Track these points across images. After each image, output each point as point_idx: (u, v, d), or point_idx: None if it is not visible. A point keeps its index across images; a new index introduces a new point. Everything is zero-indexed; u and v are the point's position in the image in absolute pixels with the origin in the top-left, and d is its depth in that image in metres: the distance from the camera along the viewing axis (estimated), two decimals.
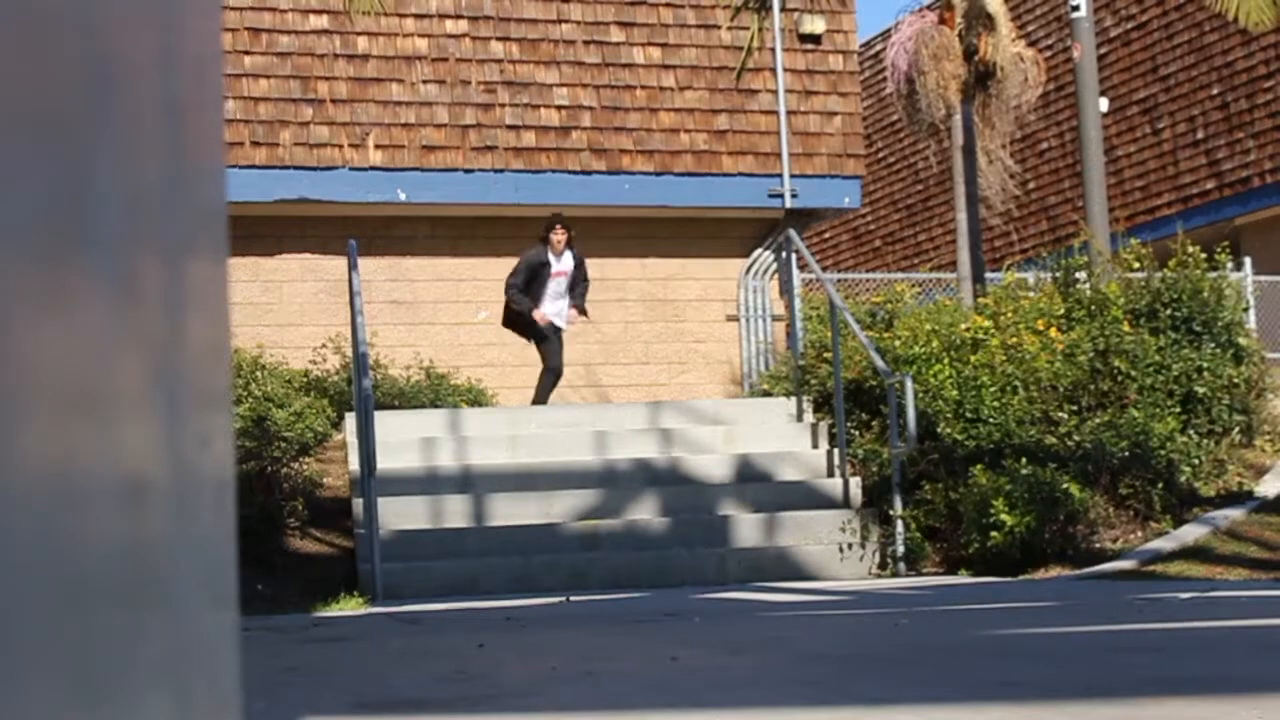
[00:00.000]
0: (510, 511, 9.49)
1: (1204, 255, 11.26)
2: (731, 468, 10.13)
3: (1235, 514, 9.69)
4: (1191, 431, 10.24)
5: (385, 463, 9.16)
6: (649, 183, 13.25)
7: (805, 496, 9.90)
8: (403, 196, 12.70)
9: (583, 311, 11.63)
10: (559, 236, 11.57)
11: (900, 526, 9.45)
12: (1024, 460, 9.31)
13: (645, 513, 9.65)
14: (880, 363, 9.86)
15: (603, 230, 13.34)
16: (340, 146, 12.61)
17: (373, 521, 8.51)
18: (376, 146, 12.69)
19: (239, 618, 1.07)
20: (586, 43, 13.33)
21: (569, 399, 12.84)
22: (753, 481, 10.06)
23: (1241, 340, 10.87)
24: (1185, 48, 20.38)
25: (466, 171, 12.90)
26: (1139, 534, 9.38)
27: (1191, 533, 9.36)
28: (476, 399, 12.16)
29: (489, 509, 9.51)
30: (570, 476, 9.82)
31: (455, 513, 9.46)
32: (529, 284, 11.56)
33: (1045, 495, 8.91)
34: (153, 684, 0.91)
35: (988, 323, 10.83)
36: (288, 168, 12.46)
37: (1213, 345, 10.68)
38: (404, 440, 10.04)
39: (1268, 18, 12.22)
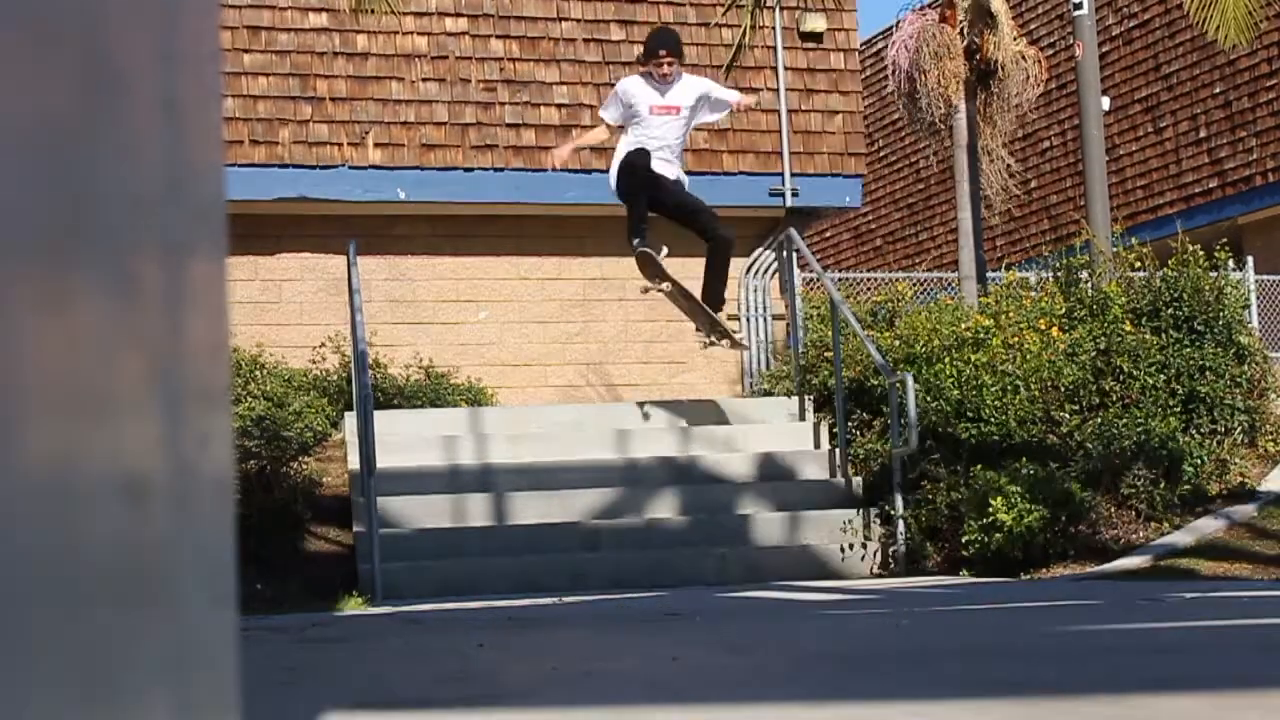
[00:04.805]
0: (511, 510, 9.49)
1: (1204, 254, 11.26)
2: (732, 467, 10.12)
3: (1238, 514, 9.69)
4: (1194, 431, 10.24)
5: (384, 462, 9.16)
6: None
7: (806, 496, 9.90)
8: (402, 195, 12.70)
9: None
10: (665, 68, 9.16)
11: (901, 526, 9.45)
12: (1025, 460, 9.31)
13: (646, 512, 9.65)
14: (882, 361, 9.86)
15: (602, 229, 13.34)
16: (340, 145, 12.60)
17: (372, 521, 8.50)
18: (376, 145, 12.69)
19: (239, 618, 1.07)
20: (586, 41, 13.32)
21: (569, 399, 12.84)
22: (754, 481, 10.05)
23: (1243, 339, 10.87)
24: (1187, 46, 20.38)
25: (466, 170, 12.89)
26: (1141, 534, 9.38)
27: (1194, 533, 9.36)
28: (476, 398, 12.15)
29: (489, 508, 9.50)
30: (571, 476, 9.81)
31: (455, 512, 9.46)
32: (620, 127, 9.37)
33: (1047, 495, 8.91)
34: (153, 684, 0.90)
35: (989, 322, 10.83)
36: (287, 166, 12.46)
37: (1214, 345, 10.68)
38: (403, 439, 10.04)
39: (1244, 37, 12.22)
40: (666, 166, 9.49)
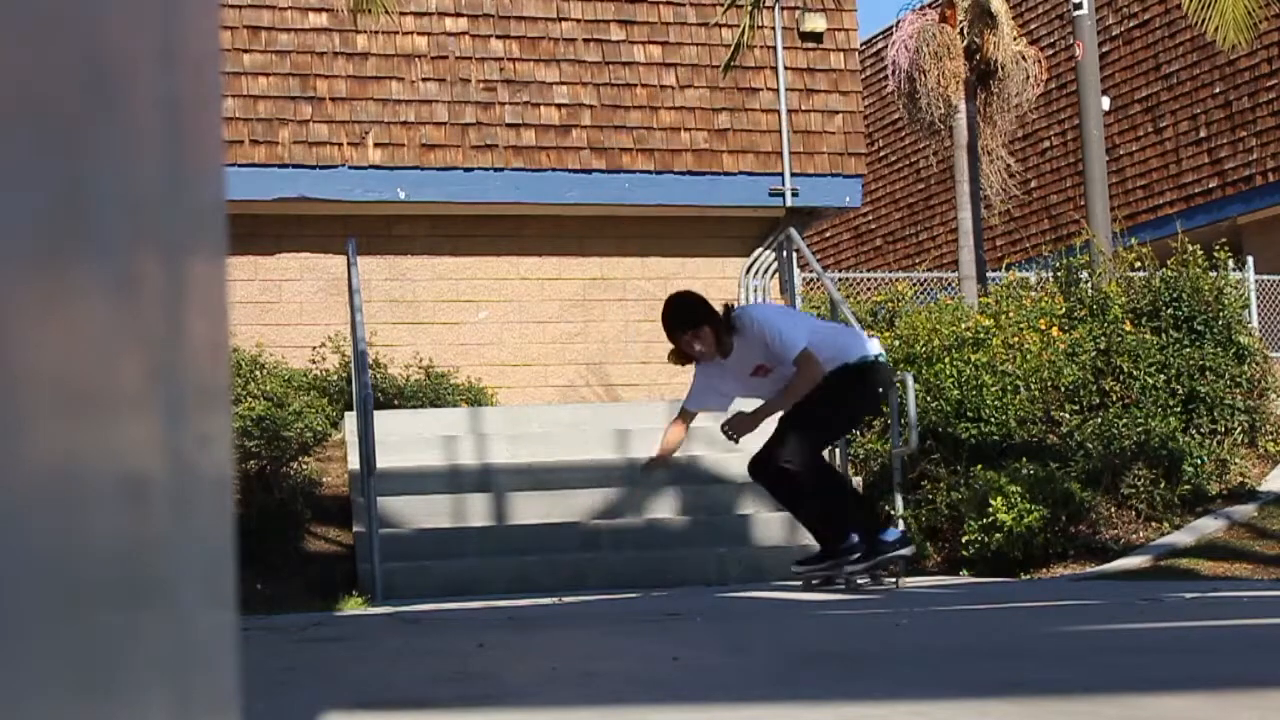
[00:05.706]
0: (511, 510, 9.49)
1: (1204, 254, 11.27)
2: (732, 467, 10.11)
3: (1238, 514, 9.69)
4: (1194, 431, 10.24)
5: (385, 462, 9.15)
6: (649, 181, 13.24)
7: None
8: (402, 195, 12.70)
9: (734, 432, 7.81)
10: (696, 347, 7.50)
11: (901, 526, 9.45)
12: (1025, 460, 9.31)
13: (645, 512, 9.64)
14: None
15: (603, 229, 13.35)
16: (340, 145, 12.60)
17: (372, 521, 8.50)
18: (376, 145, 12.69)
19: (239, 618, 1.07)
20: (586, 41, 13.32)
21: (569, 399, 12.84)
22: (754, 481, 10.04)
23: (1243, 339, 10.87)
24: (1187, 45, 20.38)
25: (466, 170, 12.89)
26: (1141, 534, 9.38)
27: (1194, 532, 9.36)
28: (476, 398, 12.15)
29: (490, 508, 9.50)
30: (572, 476, 9.82)
31: (455, 512, 9.46)
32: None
33: (1047, 495, 8.91)
34: (153, 684, 0.90)
35: (989, 322, 10.83)
36: (287, 166, 12.45)
37: (1214, 345, 10.68)
38: (404, 439, 10.04)
39: (1243, 38, 12.21)
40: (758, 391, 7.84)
